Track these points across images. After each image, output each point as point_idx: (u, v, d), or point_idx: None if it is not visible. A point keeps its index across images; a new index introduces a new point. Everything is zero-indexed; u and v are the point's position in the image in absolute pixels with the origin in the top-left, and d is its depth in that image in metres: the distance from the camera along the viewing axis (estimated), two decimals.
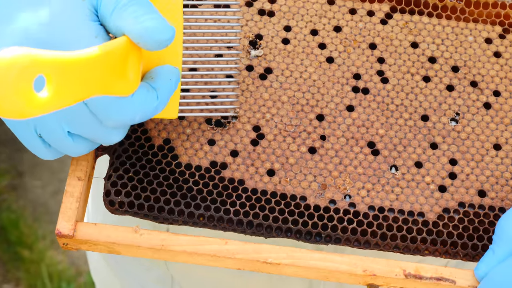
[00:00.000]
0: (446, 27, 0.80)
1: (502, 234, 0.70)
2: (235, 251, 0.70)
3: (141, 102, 0.66)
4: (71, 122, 0.67)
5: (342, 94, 0.77)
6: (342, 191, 0.74)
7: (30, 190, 2.04)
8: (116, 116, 0.66)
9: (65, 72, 0.58)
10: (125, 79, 0.64)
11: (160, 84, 0.67)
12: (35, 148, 0.69)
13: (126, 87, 0.64)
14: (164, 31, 0.64)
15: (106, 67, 0.61)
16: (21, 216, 2.00)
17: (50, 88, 0.57)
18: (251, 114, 0.76)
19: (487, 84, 0.78)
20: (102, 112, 0.66)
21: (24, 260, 1.94)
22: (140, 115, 0.66)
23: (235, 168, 0.74)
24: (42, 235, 1.98)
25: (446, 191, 0.74)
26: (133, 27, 0.63)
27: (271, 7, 0.80)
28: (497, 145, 0.76)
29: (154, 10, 0.65)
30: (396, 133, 0.76)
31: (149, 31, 0.63)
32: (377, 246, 0.73)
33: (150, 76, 0.67)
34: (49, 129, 0.67)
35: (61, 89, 0.58)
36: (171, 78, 0.68)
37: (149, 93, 0.66)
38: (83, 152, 0.70)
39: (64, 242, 0.71)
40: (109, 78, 0.62)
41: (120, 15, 0.64)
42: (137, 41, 0.64)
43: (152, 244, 0.70)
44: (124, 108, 0.65)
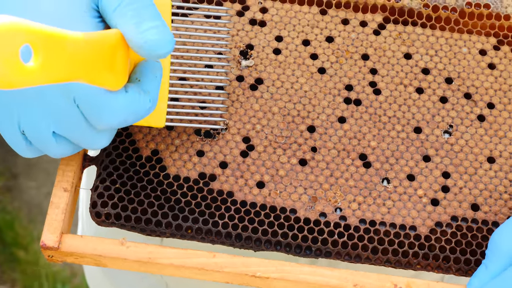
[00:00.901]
0: (440, 38, 0.79)
1: (495, 248, 0.69)
2: (223, 265, 0.69)
3: (134, 104, 0.65)
4: (59, 121, 0.65)
5: (334, 106, 0.76)
6: (333, 204, 0.73)
7: (25, 191, 2.03)
8: (109, 118, 0.64)
9: (52, 45, 0.57)
10: (113, 72, 0.62)
11: (149, 86, 0.66)
12: (16, 145, 0.67)
13: (113, 80, 0.63)
14: (165, 45, 0.62)
15: (93, 54, 0.60)
16: (16, 217, 1.99)
17: (37, 59, 0.56)
18: (241, 125, 0.75)
19: (481, 96, 0.77)
20: (94, 113, 0.64)
21: (19, 261, 1.94)
22: (132, 117, 0.65)
23: (224, 180, 0.73)
24: (37, 236, 1.97)
25: (439, 205, 0.73)
26: (133, 37, 0.62)
27: (262, 17, 0.79)
28: (490, 158, 0.75)
29: (157, 15, 0.62)
30: (388, 145, 0.75)
31: (149, 44, 0.62)
32: (368, 260, 0.72)
33: (136, 78, 0.66)
34: (34, 127, 0.66)
35: (48, 63, 0.57)
36: (156, 75, 0.66)
37: (140, 96, 0.65)
38: (64, 154, 0.68)
39: (50, 254, 0.69)
40: (96, 67, 0.61)
41: (122, 16, 0.62)
42: (136, 51, 0.62)
43: (138, 257, 0.69)
44: (117, 110, 0.64)
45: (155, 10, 0.63)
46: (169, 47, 0.62)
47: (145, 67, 0.66)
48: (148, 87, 0.65)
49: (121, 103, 0.64)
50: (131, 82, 0.66)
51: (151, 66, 0.66)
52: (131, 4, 0.62)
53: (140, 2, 0.62)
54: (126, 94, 0.64)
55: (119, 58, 0.63)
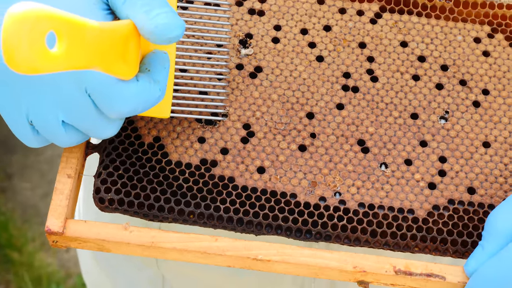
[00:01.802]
0: (435, 26, 0.80)
1: (491, 230, 0.70)
2: (225, 248, 0.71)
3: (144, 92, 0.66)
4: (69, 111, 0.67)
5: (332, 93, 0.77)
6: (332, 189, 0.74)
7: (19, 192, 2.04)
8: (120, 106, 0.66)
9: (75, 33, 0.59)
10: (126, 61, 0.64)
11: (159, 76, 0.68)
12: (22, 135, 0.68)
13: (126, 69, 0.65)
14: (175, 28, 0.64)
15: (109, 43, 0.62)
16: (11, 218, 1.99)
17: (61, 46, 0.58)
18: (241, 112, 0.76)
19: (476, 83, 0.79)
20: (107, 101, 0.66)
21: (13, 262, 1.93)
22: (143, 105, 0.67)
23: (225, 166, 0.74)
24: (31, 237, 1.97)
25: (436, 188, 0.75)
26: (144, 23, 0.64)
27: (261, 7, 0.80)
28: (486, 142, 0.76)
29: (165, 3, 0.65)
30: (386, 131, 0.76)
31: (159, 28, 0.64)
32: (367, 243, 0.73)
33: (146, 68, 0.68)
34: (43, 116, 0.67)
35: (71, 50, 0.59)
36: (165, 66, 0.68)
37: (151, 85, 0.67)
38: (72, 143, 0.70)
39: (54, 240, 0.70)
40: (111, 56, 0.62)
41: (131, 7, 0.64)
42: (147, 37, 0.64)
43: (142, 241, 0.70)
44: (129, 98, 0.66)
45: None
46: (179, 30, 0.65)
47: (154, 58, 0.68)
48: (157, 77, 0.67)
49: (132, 91, 0.65)
50: (141, 72, 0.67)
51: (160, 57, 0.68)
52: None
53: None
54: (137, 83, 0.66)
55: (131, 48, 0.64)
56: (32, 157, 2.06)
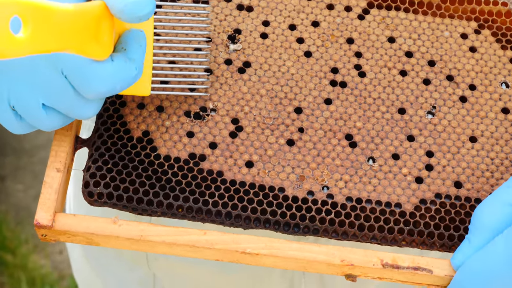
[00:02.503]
0: (423, 22, 0.81)
1: (478, 223, 0.71)
2: (214, 242, 0.71)
3: (121, 72, 0.67)
4: (47, 93, 0.67)
5: (320, 88, 0.78)
6: (320, 183, 0.74)
7: (12, 194, 2.04)
8: (97, 86, 0.66)
9: (41, 16, 0.59)
10: (99, 41, 0.65)
11: (135, 55, 0.68)
12: (7, 121, 0.69)
13: (100, 50, 0.65)
14: (145, 6, 0.65)
15: (80, 24, 0.62)
16: (4, 220, 1.99)
17: (26, 30, 0.58)
18: (230, 107, 0.76)
19: (462, 78, 0.79)
20: (83, 83, 0.66)
21: (7, 264, 1.93)
22: (120, 84, 0.67)
23: (214, 160, 0.74)
24: (25, 239, 1.97)
25: (423, 183, 0.75)
26: (114, 2, 0.64)
27: (249, 2, 0.80)
28: (472, 137, 0.77)
29: None
30: (373, 126, 0.77)
31: (129, 7, 0.64)
32: (354, 237, 0.73)
33: (122, 47, 0.68)
34: (24, 101, 0.67)
35: (37, 34, 0.59)
36: (141, 44, 0.68)
37: (127, 64, 0.67)
38: (55, 126, 0.70)
39: (43, 233, 0.71)
40: (82, 37, 0.63)
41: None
42: (118, 16, 0.65)
43: (131, 235, 0.71)
44: (105, 78, 0.66)
45: None
46: (149, 8, 0.65)
47: (130, 36, 0.68)
48: (133, 56, 0.67)
49: (108, 71, 0.66)
50: (117, 51, 0.68)
51: (136, 36, 0.68)
52: None
53: None
54: (112, 63, 0.66)
55: (104, 28, 0.65)
56: (25, 159, 2.06)
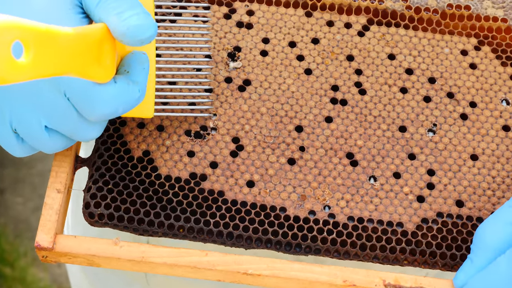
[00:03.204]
0: (423, 39, 0.81)
1: (480, 243, 0.71)
2: (215, 263, 0.71)
3: (124, 94, 0.67)
4: (51, 115, 0.67)
5: (321, 106, 0.78)
6: (321, 202, 0.74)
7: (11, 206, 2.03)
8: (100, 109, 0.66)
9: (42, 41, 0.59)
10: (101, 64, 0.64)
11: (138, 77, 0.68)
12: (8, 144, 0.68)
13: (102, 73, 0.65)
14: (147, 29, 0.65)
15: (82, 48, 0.62)
16: (2, 233, 1.99)
17: (28, 55, 0.58)
18: (230, 125, 0.76)
19: (463, 95, 0.79)
20: (86, 105, 0.66)
21: (5, 277, 1.93)
22: (123, 106, 0.67)
23: (215, 180, 0.74)
24: (23, 252, 1.97)
25: (424, 201, 0.75)
26: (116, 26, 0.64)
27: (249, 19, 0.80)
28: (474, 155, 0.77)
29: (137, 4, 0.65)
30: (374, 144, 0.77)
31: (131, 30, 0.64)
32: (356, 256, 0.73)
33: (125, 70, 0.68)
34: (26, 123, 0.67)
35: (39, 58, 0.59)
36: (144, 66, 0.68)
37: (130, 86, 0.67)
38: (57, 149, 0.70)
39: (44, 255, 0.70)
40: (84, 60, 0.62)
41: (104, 9, 0.65)
42: (120, 40, 0.65)
43: (132, 256, 0.70)
44: (108, 100, 0.66)
45: (135, 0, 0.65)
46: (151, 31, 0.65)
47: (133, 59, 0.68)
48: (136, 78, 0.67)
49: (111, 93, 0.65)
50: (120, 74, 0.67)
51: (139, 58, 0.68)
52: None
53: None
54: (115, 85, 0.66)
55: (106, 51, 0.64)
56: (24, 171, 2.06)
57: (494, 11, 0.81)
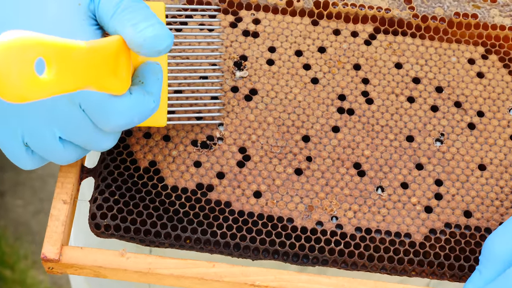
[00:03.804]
0: (429, 47, 0.80)
1: (489, 254, 0.70)
2: (222, 274, 0.70)
3: (139, 105, 0.66)
4: (66, 127, 0.66)
5: (328, 115, 0.77)
6: (329, 213, 0.74)
7: (11, 209, 2.03)
8: (116, 120, 0.66)
9: (64, 56, 0.58)
10: (118, 76, 0.64)
11: (152, 88, 0.68)
12: (18, 158, 0.68)
13: (119, 85, 0.65)
14: (164, 40, 0.64)
15: (99, 61, 0.62)
16: (3, 236, 1.98)
17: (50, 71, 0.58)
18: (237, 135, 0.76)
19: (471, 105, 0.79)
20: (102, 117, 0.66)
21: (5, 280, 1.93)
22: (138, 117, 0.67)
23: (222, 190, 0.74)
24: (23, 254, 1.96)
25: (432, 212, 0.74)
26: (133, 37, 0.64)
27: (255, 28, 0.80)
28: (482, 165, 0.76)
29: (152, 15, 0.65)
30: (381, 154, 0.76)
31: (148, 41, 0.64)
32: (364, 267, 0.73)
33: (140, 81, 0.68)
34: (40, 135, 0.67)
35: (61, 74, 0.58)
36: (158, 77, 0.68)
37: (145, 97, 0.67)
38: (72, 159, 0.69)
39: (50, 266, 0.70)
40: (102, 73, 0.62)
41: (119, 21, 0.64)
42: (137, 51, 0.64)
43: (139, 268, 0.70)
44: (124, 112, 0.66)
45: (149, 11, 0.65)
46: (168, 41, 0.64)
47: (147, 70, 0.68)
48: (151, 89, 0.67)
49: (127, 105, 0.65)
50: (135, 84, 0.67)
51: (153, 69, 0.68)
52: (126, 9, 0.65)
53: (134, 7, 0.65)
54: (131, 96, 0.66)
55: (122, 63, 0.64)
56: (24, 174, 2.05)
57: (502, 20, 0.81)
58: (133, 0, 0.65)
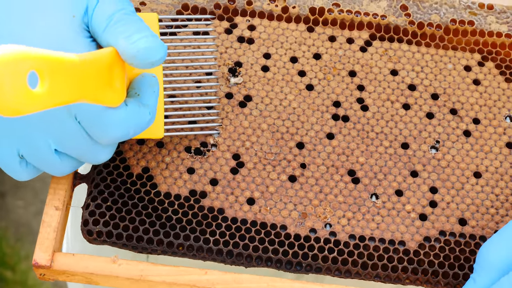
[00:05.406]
0: (425, 54, 0.80)
1: (483, 262, 0.70)
2: (214, 281, 0.70)
3: (135, 117, 0.66)
4: (61, 139, 0.66)
5: (322, 122, 0.77)
6: (323, 220, 0.73)
7: (12, 210, 2.03)
8: (112, 132, 0.65)
9: (57, 69, 0.58)
10: (112, 88, 0.64)
11: (148, 100, 0.67)
12: (12, 169, 0.68)
13: (114, 97, 0.64)
14: (157, 52, 0.64)
15: (93, 73, 0.62)
16: (4, 237, 1.98)
17: (43, 84, 0.57)
18: (231, 142, 0.75)
19: (466, 112, 0.78)
20: (97, 129, 0.65)
21: (6, 281, 1.93)
22: (134, 129, 0.67)
23: (215, 197, 0.73)
24: (24, 255, 1.96)
25: (427, 220, 0.74)
26: (125, 49, 0.64)
27: (250, 34, 0.80)
28: (477, 173, 0.76)
29: (145, 27, 0.65)
30: (376, 161, 0.76)
31: (141, 53, 0.64)
32: (358, 275, 0.72)
33: (135, 93, 0.68)
34: (35, 147, 0.66)
35: (54, 87, 0.58)
36: (154, 89, 0.68)
37: (141, 109, 0.67)
38: (68, 171, 0.69)
39: (41, 273, 0.70)
40: (96, 86, 0.62)
41: (111, 34, 0.64)
42: (130, 62, 0.64)
43: (130, 275, 0.70)
44: (119, 124, 0.65)
45: (141, 23, 0.65)
46: (161, 53, 0.64)
47: (143, 82, 0.68)
48: (147, 101, 0.67)
49: (122, 117, 0.65)
50: (131, 97, 0.67)
51: (149, 81, 0.68)
52: (119, 22, 0.65)
53: (127, 19, 0.65)
54: (126, 108, 0.66)
55: (116, 74, 0.64)
56: None
57: (498, 27, 0.81)
58: (126, 12, 0.65)
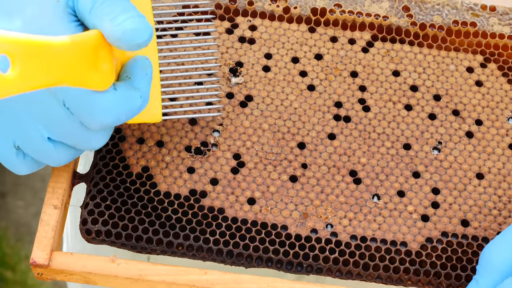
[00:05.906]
0: (428, 55, 0.80)
1: (486, 264, 0.69)
2: (214, 281, 0.69)
3: (125, 101, 0.65)
4: (51, 126, 0.65)
5: (324, 122, 0.76)
6: (324, 220, 0.73)
7: (12, 210, 2.02)
8: (100, 117, 0.64)
9: (30, 53, 0.57)
10: (98, 71, 0.63)
11: (139, 84, 0.66)
12: (10, 163, 0.67)
13: (100, 81, 0.63)
14: (142, 32, 0.63)
15: (76, 56, 0.60)
16: (4, 237, 1.98)
17: (15, 69, 0.57)
18: (231, 142, 0.75)
19: (469, 113, 0.78)
20: (86, 114, 0.64)
21: (7, 281, 1.92)
22: (125, 114, 0.65)
23: (215, 197, 0.73)
24: (24, 255, 1.96)
25: (429, 221, 0.73)
26: (111, 31, 0.62)
27: (251, 35, 0.79)
28: (479, 174, 0.76)
29: (131, 7, 0.63)
30: (378, 162, 0.75)
31: (126, 34, 0.62)
32: (359, 276, 0.72)
33: (127, 76, 0.66)
34: (28, 136, 0.66)
35: (26, 71, 0.57)
36: (147, 72, 0.66)
37: (131, 92, 0.65)
38: (65, 160, 0.68)
39: (39, 272, 0.69)
40: (80, 69, 0.61)
41: (97, 15, 0.63)
42: (116, 45, 0.63)
43: (129, 274, 0.69)
44: (108, 108, 0.64)
45: (128, 4, 0.63)
46: (146, 35, 0.63)
47: (134, 65, 0.66)
48: (138, 84, 0.66)
49: (110, 101, 0.64)
50: (121, 80, 0.66)
51: (141, 64, 0.66)
52: (104, 3, 0.63)
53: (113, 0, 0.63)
54: (115, 92, 0.64)
55: (102, 57, 0.63)
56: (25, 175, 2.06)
57: (501, 28, 0.80)
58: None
